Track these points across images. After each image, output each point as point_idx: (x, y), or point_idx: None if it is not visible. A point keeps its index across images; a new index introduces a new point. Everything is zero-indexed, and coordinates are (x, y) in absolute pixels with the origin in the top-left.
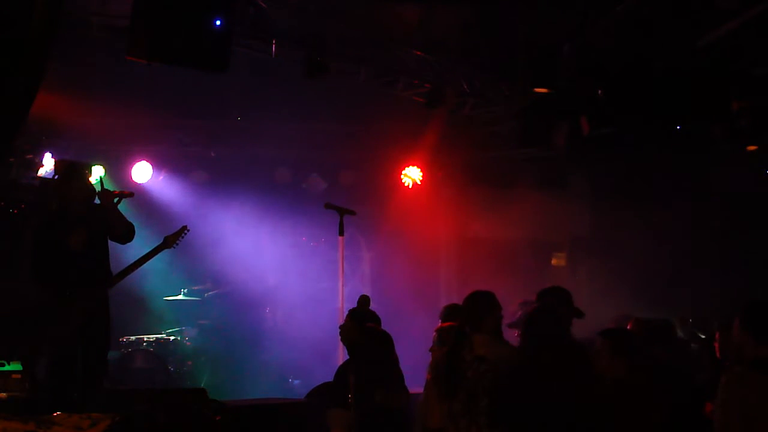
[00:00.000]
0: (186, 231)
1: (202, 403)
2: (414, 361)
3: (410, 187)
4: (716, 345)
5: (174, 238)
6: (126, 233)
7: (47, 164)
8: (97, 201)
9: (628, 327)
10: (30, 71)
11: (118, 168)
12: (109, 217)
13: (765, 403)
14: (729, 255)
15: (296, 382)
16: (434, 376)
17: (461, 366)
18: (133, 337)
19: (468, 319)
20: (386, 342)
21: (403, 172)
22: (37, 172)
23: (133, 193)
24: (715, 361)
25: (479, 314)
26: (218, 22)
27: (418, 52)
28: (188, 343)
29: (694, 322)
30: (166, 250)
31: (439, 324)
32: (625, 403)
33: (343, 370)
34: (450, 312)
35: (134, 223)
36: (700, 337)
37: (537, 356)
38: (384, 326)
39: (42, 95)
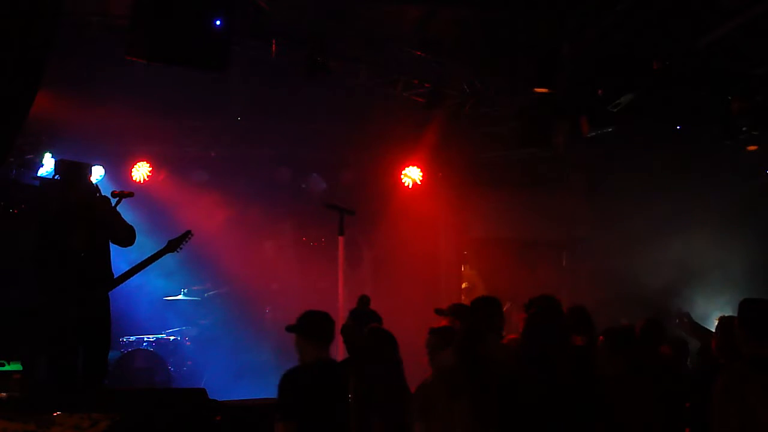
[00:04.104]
0: (190, 236)
1: (202, 403)
2: (414, 361)
3: (410, 187)
4: (713, 343)
5: (177, 242)
6: (126, 237)
7: (47, 164)
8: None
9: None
10: (30, 71)
11: (118, 168)
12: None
13: (762, 401)
14: (729, 254)
15: None
16: (440, 375)
17: (469, 365)
18: (133, 337)
19: (480, 319)
20: (389, 342)
21: (403, 172)
22: (37, 172)
23: (133, 193)
24: (713, 359)
25: (490, 315)
26: (218, 22)
27: (418, 52)
28: (188, 343)
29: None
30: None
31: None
32: (624, 400)
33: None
34: (454, 311)
35: (134, 223)
36: (706, 329)
37: (542, 358)
38: (384, 326)
39: (42, 95)
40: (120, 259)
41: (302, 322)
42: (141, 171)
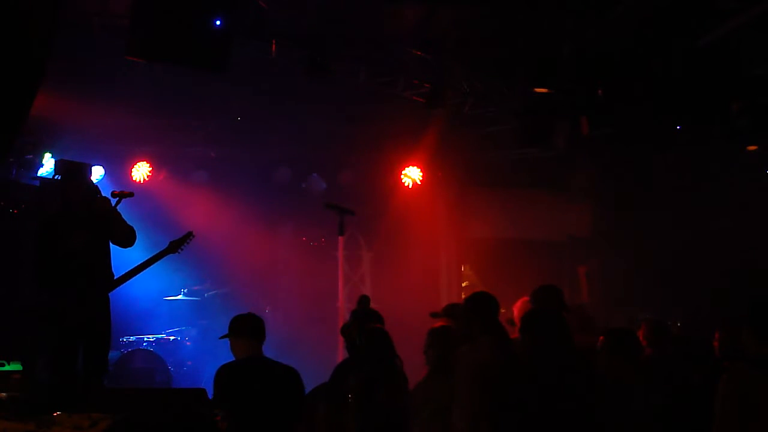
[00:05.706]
0: (191, 237)
1: (202, 403)
2: (414, 360)
3: (410, 187)
4: (716, 344)
5: (179, 243)
6: (126, 237)
7: (47, 164)
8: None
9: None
10: (30, 71)
11: (118, 168)
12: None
13: (765, 401)
14: (729, 255)
15: None
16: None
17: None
18: (133, 337)
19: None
20: (388, 342)
21: (403, 172)
22: (37, 172)
23: (133, 193)
24: (714, 359)
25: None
26: (218, 22)
27: (418, 52)
28: (188, 343)
29: (687, 322)
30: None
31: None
32: (625, 401)
33: (339, 370)
34: (449, 312)
35: (134, 223)
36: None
37: (542, 357)
38: (385, 325)
39: (42, 95)
40: (124, 258)
41: (231, 324)
42: (141, 171)
